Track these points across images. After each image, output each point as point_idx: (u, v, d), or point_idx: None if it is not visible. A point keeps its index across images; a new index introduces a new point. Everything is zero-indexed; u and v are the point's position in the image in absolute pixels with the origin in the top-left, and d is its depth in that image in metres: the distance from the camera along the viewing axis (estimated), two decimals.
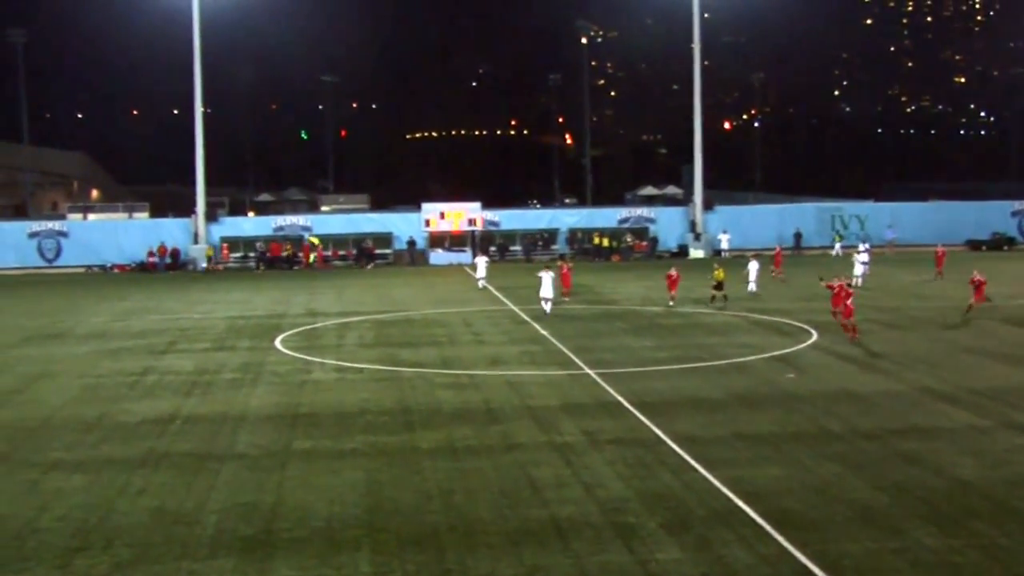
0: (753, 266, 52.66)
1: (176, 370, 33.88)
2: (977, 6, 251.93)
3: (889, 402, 27.41)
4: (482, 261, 59.62)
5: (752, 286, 52.02)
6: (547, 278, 45.65)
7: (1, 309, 53.30)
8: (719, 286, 48.26)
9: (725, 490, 19.88)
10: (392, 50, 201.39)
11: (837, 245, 77.84)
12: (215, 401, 28.90)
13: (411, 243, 78.31)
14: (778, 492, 19.80)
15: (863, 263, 56.46)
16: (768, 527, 17.85)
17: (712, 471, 21.07)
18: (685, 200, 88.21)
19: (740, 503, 19.11)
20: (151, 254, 76.42)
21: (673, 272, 48.40)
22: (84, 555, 17.26)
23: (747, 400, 27.83)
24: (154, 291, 60.58)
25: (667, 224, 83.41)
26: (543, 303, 45.79)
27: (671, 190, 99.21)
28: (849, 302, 37.66)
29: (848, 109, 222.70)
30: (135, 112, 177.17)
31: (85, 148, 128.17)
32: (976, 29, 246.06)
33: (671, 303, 47.30)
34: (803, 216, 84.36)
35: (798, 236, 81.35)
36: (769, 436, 23.94)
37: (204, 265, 75.64)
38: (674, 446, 23.07)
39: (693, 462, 21.80)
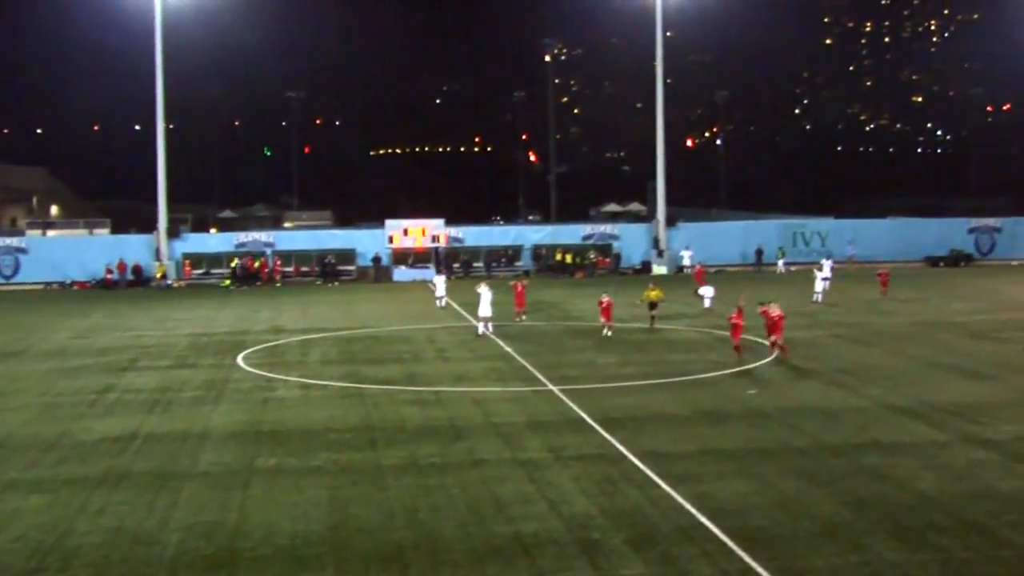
0: (706, 290, 53.31)
1: (137, 388, 33.59)
2: (933, 27, 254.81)
3: (852, 417, 27.55)
4: (440, 280, 59.22)
5: (707, 302, 52.44)
6: (486, 295, 44.93)
7: None
8: (653, 306, 46.27)
9: (689, 506, 19.89)
10: (357, 67, 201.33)
11: (780, 262, 78.50)
12: (177, 419, 28.65)
13: (376, 260, 78.14)
14: (743, 508, 19.83)
15: (824, 279, 56.79)
16: (732, 543, 17.86)
17: (677, 487, 21.09)
18: (649, 217, 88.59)
19: (704, 519, 19.12)
20: (109, 271, 75.78)
21: (604, 299, 43.96)
22: None
23: (712, 416, 27.89)
24: (116, 308, 60.11)
25: (631, 241, 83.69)
26: (481, 323, 44.90)
27: (635, 207, 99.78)
28: (742, 322, 36.99)
29: (809, 127, 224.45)
30: (97, 128, 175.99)
31: (46, 164, 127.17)
32: (933, 50, 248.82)
33: (607, 332, 43.55)
34: (766, 232, 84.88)
35: (760, 252, 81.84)
36: (733, 452, 24.00)
37: (169, 281, 75.14)
38: (638, 462, 23.08)
39: (657, 478, 21.80)
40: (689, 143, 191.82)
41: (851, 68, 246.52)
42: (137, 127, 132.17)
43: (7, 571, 17.28)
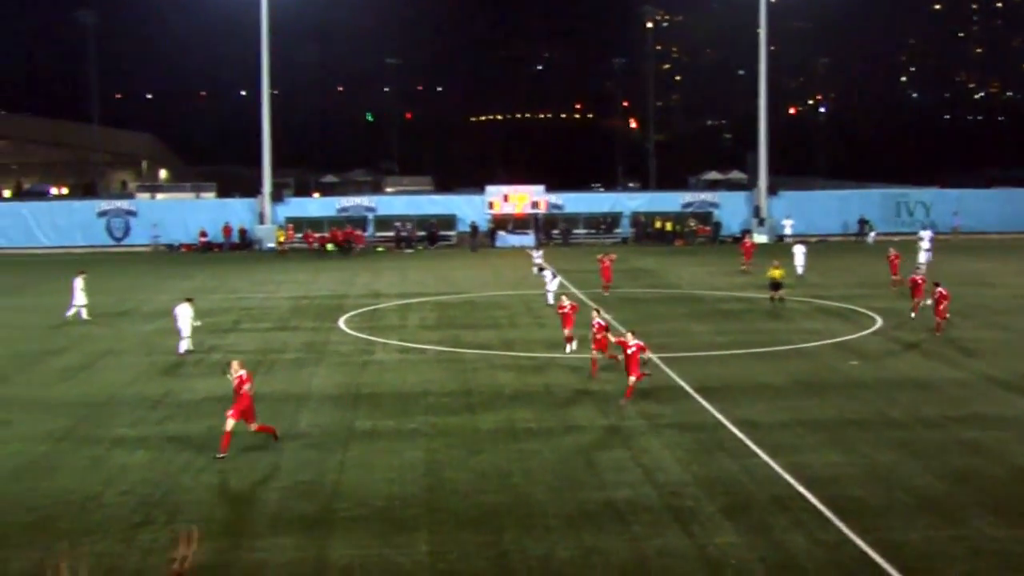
0: (799, 250, 52.74)
1: (240, 349, 34.16)
2: None
3: (951, 390, 27.15)
4: (537, 254, 58.56)
5: (799, 269, 51.80)
6: (549, 276, 44.62)
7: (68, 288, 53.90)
8: (776, 285, 43.38)
9: (785, 475, 19.83)
10: (457, 33, 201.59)
11: (872, 234, 77.06)
12: (278, 380, 29.20)
13: (474, 226, 78.20)
14: (838, 479, 19.71)
15: (926, 250, 55.90)
16: (828, 513, 17.80)
17: (772, 456, 21.02)
18: (749, 185, 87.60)
19: (800, 488, 19.05)
20: (203, 234, 76.57)
21: (566, 303, 34.24)
22: (147, 529, 17.60)
23: (809, 386, 27.68)
24: (219, 271, 61.13)
25: (730, 209, 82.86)
26: (551, 295, 43.77)
27: (735, 175, 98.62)
28: (600, 336, 30.33)
29: (915, 95, 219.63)
30: (203, 93, 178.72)
31: (153, 129, 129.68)
32: None
33: (569, 348, 33.38)
34: (868, 202, 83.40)
35: (863, 222, 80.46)
36: (830, 423, 23.81)
37: (271, 244, 75.91)
38: (734, 431, 23.03)
39: (753, 447, 21.75)
40: (791, 111, 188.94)
41: (960, 34, 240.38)
42: (243, 93, 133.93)
43: (115, 522, 17.86)
